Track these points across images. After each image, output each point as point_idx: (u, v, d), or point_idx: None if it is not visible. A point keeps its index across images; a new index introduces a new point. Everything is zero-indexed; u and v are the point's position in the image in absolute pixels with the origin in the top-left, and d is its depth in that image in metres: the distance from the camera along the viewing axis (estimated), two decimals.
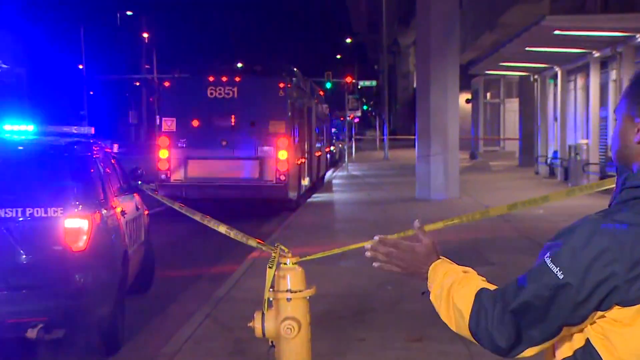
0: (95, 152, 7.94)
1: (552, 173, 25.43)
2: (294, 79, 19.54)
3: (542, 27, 17.26)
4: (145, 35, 69.62)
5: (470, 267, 2.32)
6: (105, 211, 7.20)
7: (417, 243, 2.33)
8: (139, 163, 13.42)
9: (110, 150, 9.14)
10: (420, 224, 2.30)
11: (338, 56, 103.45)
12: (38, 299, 6.46)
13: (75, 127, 8.55)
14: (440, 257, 2.35)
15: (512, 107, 38.91)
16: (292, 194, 18.21)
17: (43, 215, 6.56)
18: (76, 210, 6.69)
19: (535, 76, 27.90)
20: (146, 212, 9.55)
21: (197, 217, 3.98)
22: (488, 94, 42.29)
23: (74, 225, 6.63)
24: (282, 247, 3.35)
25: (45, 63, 54.38)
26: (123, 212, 7.87)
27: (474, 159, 38.69)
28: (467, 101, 42.82)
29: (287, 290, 3.27)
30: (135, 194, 9.07)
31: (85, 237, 6.63)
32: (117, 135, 63.41)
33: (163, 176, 17.49)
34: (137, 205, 8.92)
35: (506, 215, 14.45)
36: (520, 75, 31.05)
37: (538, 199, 2.92)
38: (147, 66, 69.02)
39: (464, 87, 34.46)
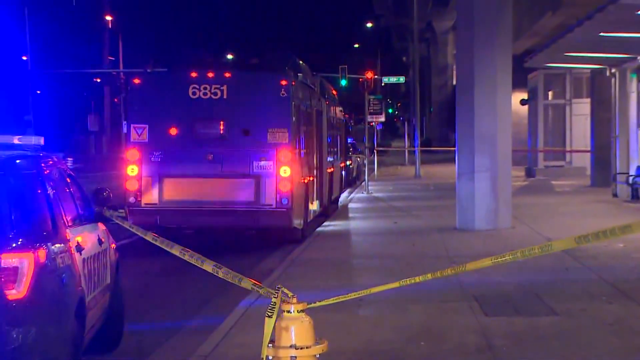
0: (43, 169, 7.95)
1: (635, 196, 25.33)
2: (299, 75, 19.58)
3: (621, 5, 17.25)
4: (109, 18, 70.05)
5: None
6: (54, 246, 7.16)
7: None
8: (102, 182, 13.50)
9: (65, 167, 9.15)
10: None
11: (356, 45, 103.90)
12: None
13: (19, 137, 8.57)
14: None
15: (581, 110, 38.86)
16: (297, 222, 18.23)
17: None
18: (14, 244, 6.65)
19: (613, 70, 27.87)
20: (113, 246, 9.56)
21: (176, 250, 4.00)
22: (550, 93, 42.24)
23: (11, 264, 6.57)
24: (285, 290, 3.36)
25: None
26: (79, 247, 7.87)
27: (531, 176, 38.60)
28: (523, 102, 42.77)
29: (291, 346, 3.27)
30: (99, 223, 9.08)
31: (25, 281, 6.58)
32: (72, 146, 63.68)
33: (132, 199, 17.54)
34: (100, 237, 8.92)
35: (574, 251, 14.39)
36: (593, 69, 31.02)
37: (617, 229, 2.92)
38: (110, 58, 69.39)
39: (518, 84, 34.42)
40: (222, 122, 17.67)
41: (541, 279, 12.68)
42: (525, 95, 43.09)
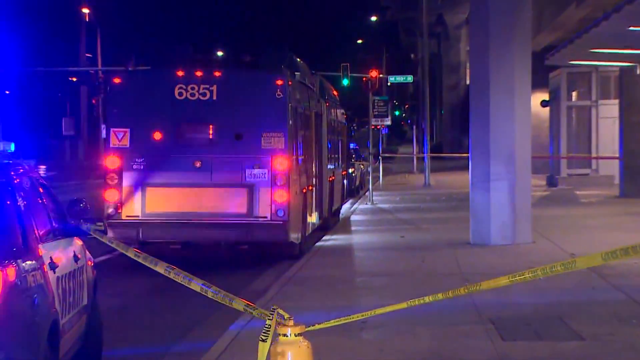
0: (13, 178, 7.96)
1: None
2: (296, 73, 19.60)
3: None
4: (86, 10, 70.11)
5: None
6: (24, 263, 7.16)
7: None
8: (78, 193, 13.51)
9: (37, 176, 9.16)
10: None
11: (359, 41, 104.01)
12: None
13: None
14: None
15: (608, 112, 38.89)
16: (295, 236, 18.23)
17: None
18: None
19: None
20: (90, 263, 9.56)
21: (161, 268, 4.00)
22: (574, 94, 42.29)
23: None
24: (281, 312, 3.36)
25: None
26: (53, 264, 7.87)
27: (553, 186, 38.61)
28: (544, 104, 42.79)
29: None
30: (75, 238, 9.08)
31: None
32: (45, 152, 63.66)
33: (111, 210, 17.53)
34: (76, 253, 8.92)
35: (601, 269, 14.37)
36: (621, 67, 31.05)
37: None
38: (88, 55, 69.42)
39: (538, 83, 34.43)
40: (211, 126, 17.67)
41: (565, 300, 12.67)
42: (546, 96, 43.10)
